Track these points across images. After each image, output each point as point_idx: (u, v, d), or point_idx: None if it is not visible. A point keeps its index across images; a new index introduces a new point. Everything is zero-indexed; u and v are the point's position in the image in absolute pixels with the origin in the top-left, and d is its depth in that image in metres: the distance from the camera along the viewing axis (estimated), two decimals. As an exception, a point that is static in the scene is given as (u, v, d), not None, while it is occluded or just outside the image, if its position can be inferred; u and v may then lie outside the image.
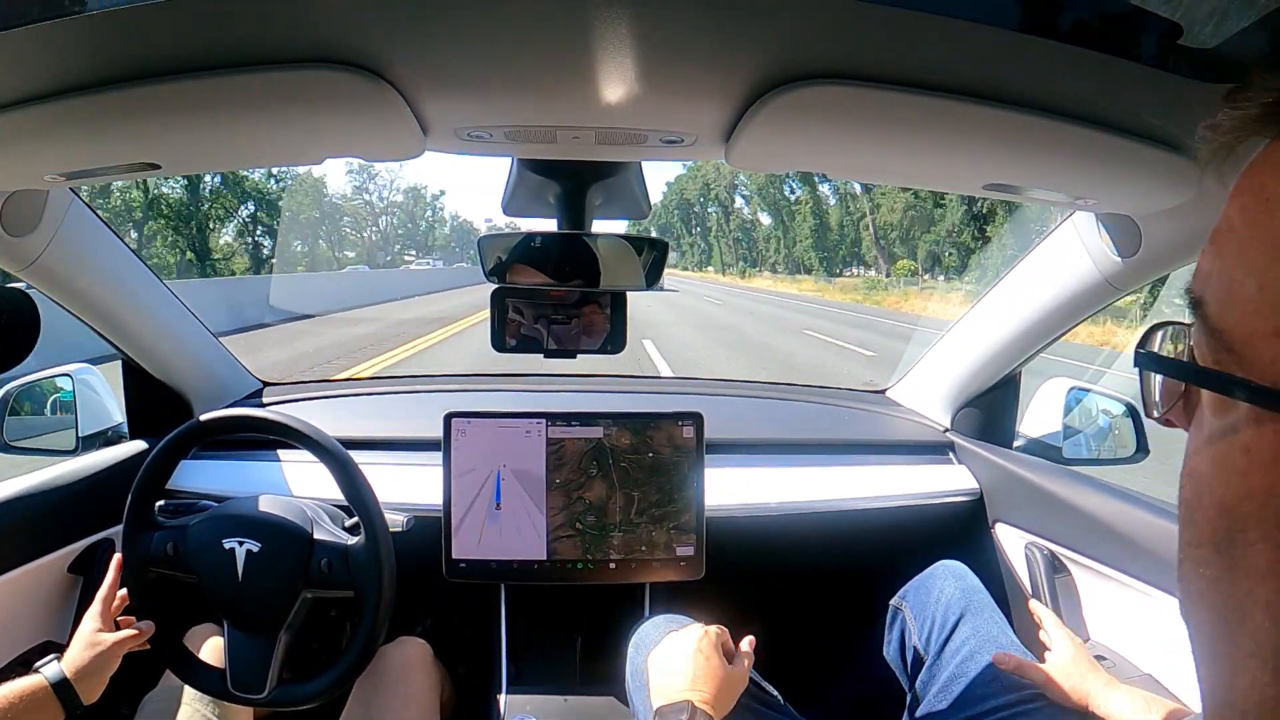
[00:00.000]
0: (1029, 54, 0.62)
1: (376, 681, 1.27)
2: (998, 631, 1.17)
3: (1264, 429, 0.31)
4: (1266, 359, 0.31)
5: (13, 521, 1.25)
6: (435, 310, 19.95)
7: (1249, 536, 0.32)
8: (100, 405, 1.55)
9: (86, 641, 1.09)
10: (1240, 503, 0.32)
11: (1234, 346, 0.32)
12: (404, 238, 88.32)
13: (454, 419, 1.38)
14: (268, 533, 1.14)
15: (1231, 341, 0.32)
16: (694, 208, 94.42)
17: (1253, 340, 0.31)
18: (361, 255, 77.61)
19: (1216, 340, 0.33)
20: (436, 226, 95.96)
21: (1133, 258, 1.14)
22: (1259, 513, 0.31)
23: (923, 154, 0.88)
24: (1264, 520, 0.31)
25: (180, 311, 1.55)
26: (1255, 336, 0.31)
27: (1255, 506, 0.31)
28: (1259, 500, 0.31)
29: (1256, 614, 0.31)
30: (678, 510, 1.40)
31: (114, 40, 0.63)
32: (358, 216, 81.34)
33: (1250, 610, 0.32)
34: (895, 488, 1.56)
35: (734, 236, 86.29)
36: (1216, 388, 0.34)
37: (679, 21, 0.61)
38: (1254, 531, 0.31)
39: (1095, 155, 0.80)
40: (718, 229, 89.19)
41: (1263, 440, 0.31)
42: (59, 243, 1.18)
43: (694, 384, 2.14)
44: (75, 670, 1.06)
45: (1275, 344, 0.30)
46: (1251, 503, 0.31)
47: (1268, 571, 0.31)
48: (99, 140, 0.83)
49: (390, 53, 0.66)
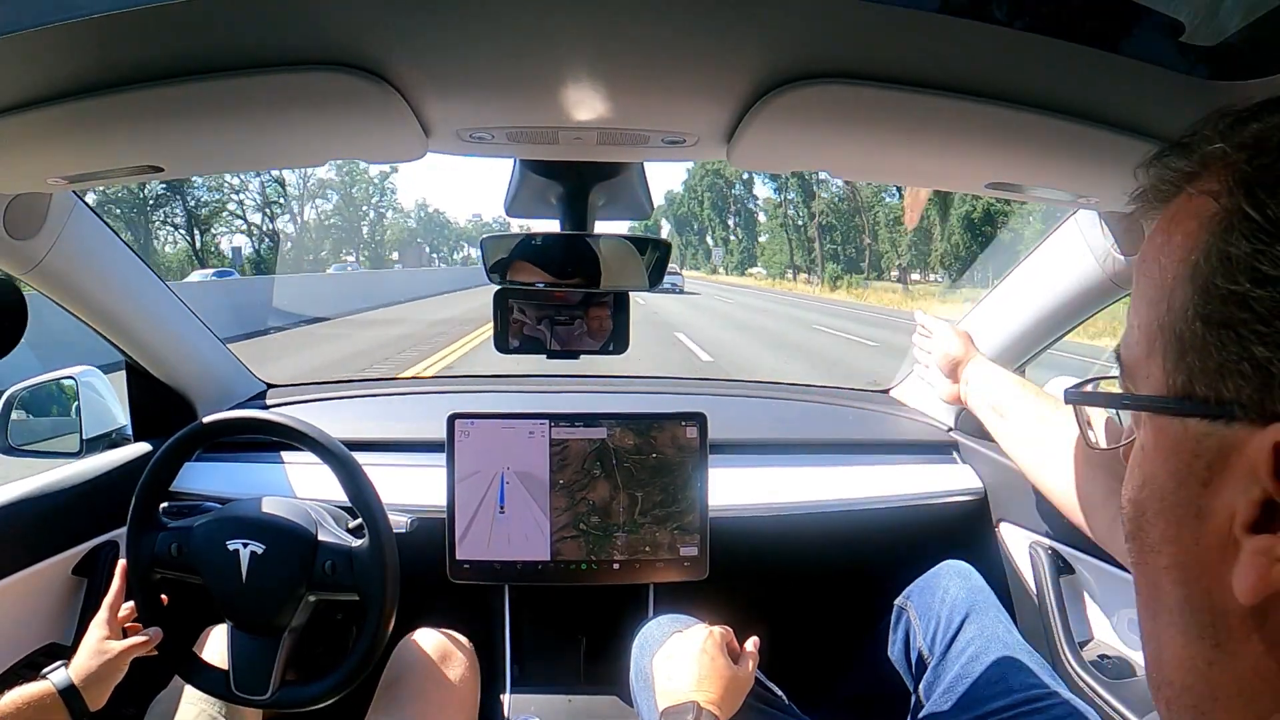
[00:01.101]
0: (1031, 52, 0.62)
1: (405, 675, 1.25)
2: (1003, 632, 1.16)
3: (1148, 427, 0.40)
4: (1141, 376, 0.40)
5: (17, 524, 1.25)
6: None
7: (1148, 516, 0.40)
8: (104, 408, 1.55)
9: (94, 649, 1.09)
10: (1140, 491, 0.40)
11: (1130, 374, 0.42)
12: (336, 233, 73.13)
13: (457, 420, 1.39)
14: (272, 534, 1.14)
15: (1128, 371, 0.42)
16: (729, 191, 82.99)
17: (1135, 365, 0.41)
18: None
19: (1123, 374, 0.43)
20: (383, 219, 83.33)
21: (1136, 256, 1.13)
22: (1151, 494, 0.39)
23: (925, 153, 0.88)
24: (1153, 498, 0.39)
25: (183, 314, 1.56)
26: (1136, 362, 0.41)
27: (1149, 490, 0.40)
28: (1150, 484, 0.39)
29: (1164, 582, 0.39)
30: (681, 510, 1.40)
31: (116, 43, 0.63)
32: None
33: (1159, 580, 0.39)
34: (899, 487, 1.56)
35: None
36: (1115, 404, 0.45)
37: (681, 22, 0.61)
38: (1150, 510, 0.39)
39: (1097, 153, 0.80)
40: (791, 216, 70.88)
41: (1148, 435, 0.40)
42: (62, 245, 1.18)
43: (697, 384, 2.14)
44: (82, 677, 1.06)
45: (1147, 364, 0.40)
46: (1146, 488, 0.40)
47: (1161, 540, 0.39)
48: (102, 143, 0.83)
49: (392, 54, 0.66)
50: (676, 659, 1.04)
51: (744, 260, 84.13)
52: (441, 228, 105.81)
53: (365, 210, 77.79)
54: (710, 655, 1.02)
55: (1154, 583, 0.40)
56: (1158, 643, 0.40)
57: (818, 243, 59.98)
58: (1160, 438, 0.39)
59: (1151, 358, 0.39)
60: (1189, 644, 0.37)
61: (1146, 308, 0.40)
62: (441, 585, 1.37)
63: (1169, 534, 0.38)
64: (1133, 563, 0.42)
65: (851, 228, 63.33)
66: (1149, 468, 0.39)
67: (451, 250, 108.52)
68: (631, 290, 1.11)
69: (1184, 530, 0.37)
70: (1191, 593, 0.37)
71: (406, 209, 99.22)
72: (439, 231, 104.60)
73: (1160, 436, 0.39)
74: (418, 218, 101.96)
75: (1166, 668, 0.39)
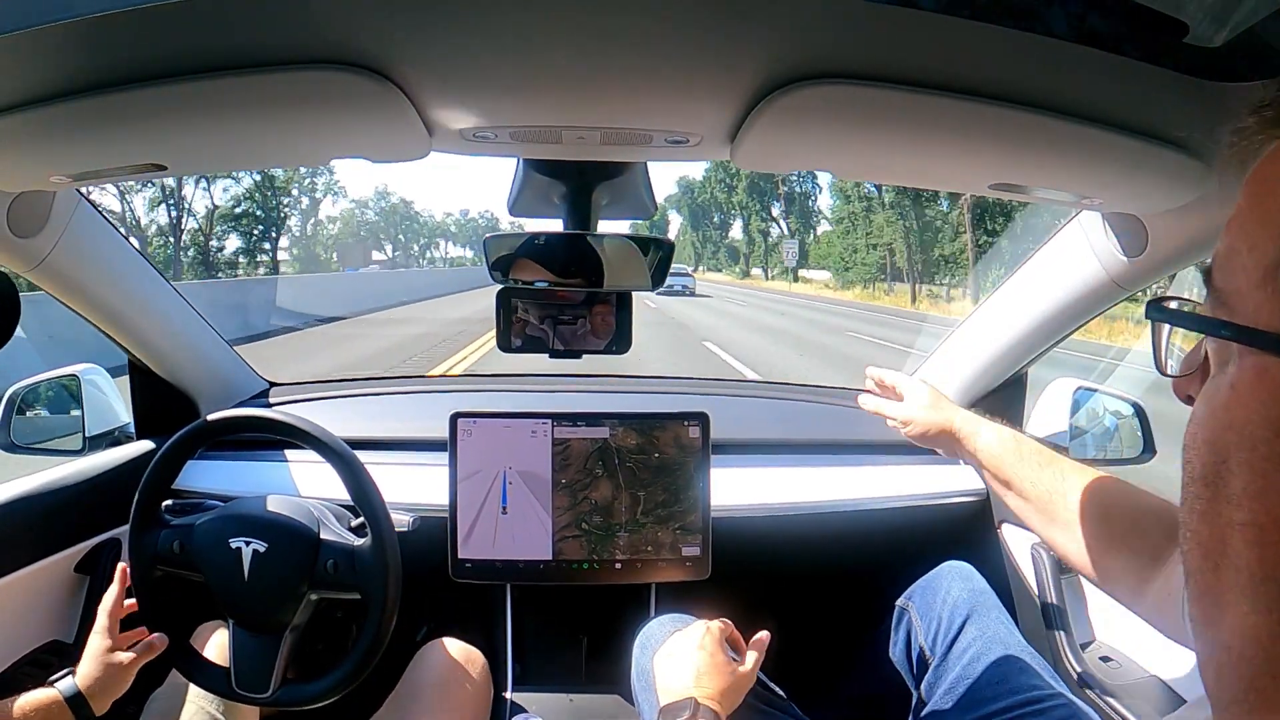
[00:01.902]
0: (1035, 53, 0.62)
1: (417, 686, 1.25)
2: (1005, 633, 1.16)
3: (1245, 363, 0.36)
4: (1250, 306, 0.36)
5: (20, 521, 1.25)
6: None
7: (1229, 465, 0.35)
8: (107, 405, 1.55)
9: (99, 658, 1.09)
10: (1224, 433, 0.36)
11: (1227, 300, 0.38)
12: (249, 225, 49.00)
13: (460, 419, 1.39)
14: (274, 533, 1.14)
15: (1225, 297, 0.38)
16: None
17: (1240, 292, 0.37)
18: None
19: (1215, 298, 0.39)
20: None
21: (1139, 257, 1.13)
22: (1239, 440, 0.35)
23: (928, 154, 0.88)
24: (1242, 446, 0.35)
25: (187, 312, 1.56)
26: (1242, 289, 0.37)
27: (1235, 435, 0.35)
28: (1239, 428, 0.35)
29: (1235, 539, 0.35)
30: (684, 510, 1.40)
31: (120, 42, 0.63)
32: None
33: (1230, 537, 0.35)
34: (901, 488, 1.55)
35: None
36: (1208, 329, 0.39)
37: (684, 22, 0.61)
38: (1234, 459, 0.35)
39: (1101, 155, 0.80)
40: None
41: (1244, 373, 0.36)
42: (65, 243, 1.18)
43: (699, 384, 2.14)
44: (89, 686, 1.07)
45: (1257, 295, 0.36)
46: (1233, 432, 0.36)
47: (1242, 494, 0.35)
48: (105, 141, 0.83)
49: (395, 54, 0.66)
50: (676, 656, 1.03)
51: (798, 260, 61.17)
52: (408, 221, 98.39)
53: (293, 197, 54.99)
54: (709, 651, 1.02)
55: (1221, 536, 0.36)
56: (1217, 602, 0.36)
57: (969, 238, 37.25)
58: (1262, 379, 0.35)
59: (1264, 287, 0.35)
60: (1255, 612, 0.34)
61: (1261, 229, 0.36)
62: (443, 584, 1.37)
63: (1254, 488, 0.34)
64: (1195, 509, 0.38)
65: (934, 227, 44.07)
66: (1240, 411, 0.35)
67: (424, 249, 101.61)
68: (634, 290, 1.11)
69: (1275, 488, 0.34)
70: (1268, 557, 0.34)
71: (361, 197, 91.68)
72: (404, 225, 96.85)
73: (1262, 378, 0.35)
74: (378, 208, 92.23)
75: (1225, 631, 0.36)
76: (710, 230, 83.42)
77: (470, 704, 1.26)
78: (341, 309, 18.93)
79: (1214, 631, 0.36)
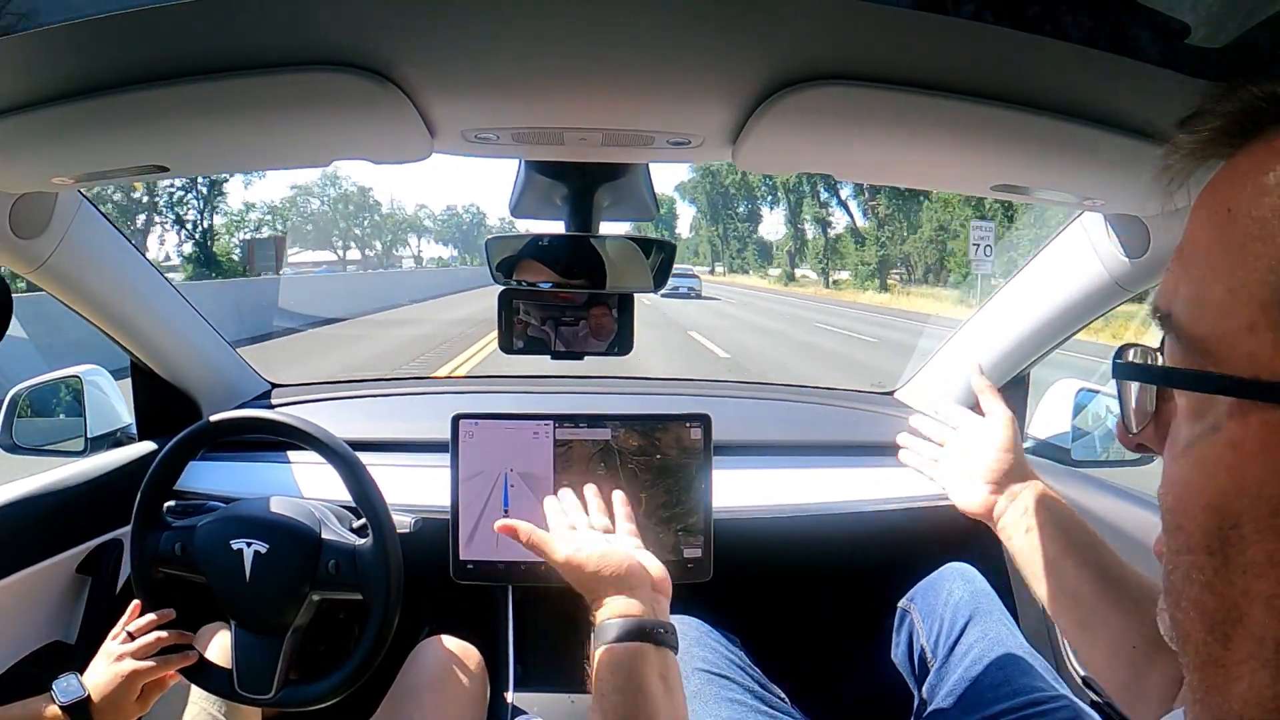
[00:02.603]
0: (1036, 54, 0.62)
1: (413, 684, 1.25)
2: (1007, 634, 1.16)
3: (1249, 420, 0.32)
4: (1242, 353, 0.32)
5: (22, 522, 1.25)
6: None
7: (1243, 532, 0.32)
8: (109, 406, 1.55)
9: (110, 668, 1.08)
10: (1231, 500, 0.32)
11: (1209, 349, 0.34)
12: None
13: (461, 420, 1.39)
14: (276, 534, 1.14)
15: (1205, 345, 0.34)
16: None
17: (1226, 339, 0.33)
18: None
19: (1190, 347, 0.35)
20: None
21: (1141, 258, 1.13)
22: (1252, 506, 0.31)
23: (930, 155, 0.88)
24: (1258, 513, 0.31)
25: (188, 313, 1.56)
26: (1229, 335, 0.33)
27: (1248, 501, 0.32)
28: (1251, 494, 0.31)
29: (1256, 611, 0.31)
30: (685, 512, 1.40)
31: (122, 43, 0.63)
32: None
33: (1248, 608, 0.32)
34: (903, 489, 1.55)
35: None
36: (1199, 387, 0.35)
37: (686, 23, 0.61)
38: (1248, 526, 0.32)
39: (1103, 156, 0.80)
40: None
41: (1248, 432, 0.32)
42: (68, 245, 1.18)
43: (701, 385, 2.14)
44: (98, 691, 1.06)
45: (1250, 339, 0.32)
46: (1244, 498, 0.32)
47: (1266, 563, 0.31)
48: (107, 143, 0.83)
49: (397, 55, 0.67)
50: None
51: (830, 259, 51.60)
52: (365, 212, 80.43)
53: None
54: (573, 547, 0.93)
55: (1234, 607, 0.32)
56: (1225, 672, 0.33)
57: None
58: (1276, 436, 0.31)
59: (1258, 332, 0.31)
60: (1274, 682, 0.31)
61: (1242, 267, 0.32)
62: (445, 585, 1.37)
63: (1278, 557, 0.31)
64: (1194, 579, 0.35)
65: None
66: (1250, 471, 0.32)
67: (390, 246, 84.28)
68: (636, 291, 1.11)
69: None
70: None
71: (304, 183, 73.43)
72: (359, 217, 79.06)
73: (1276, 435, 0.31)
74: (325, 196, 74.00)
75: (1235, 701, 0.33)
76: (735, 223, 69.25)
77: (467, 700, 1.26)
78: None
79: (1219, 700, 0.34)
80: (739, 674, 1.17)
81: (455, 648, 1.30)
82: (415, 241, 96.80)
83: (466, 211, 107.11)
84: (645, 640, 0.81)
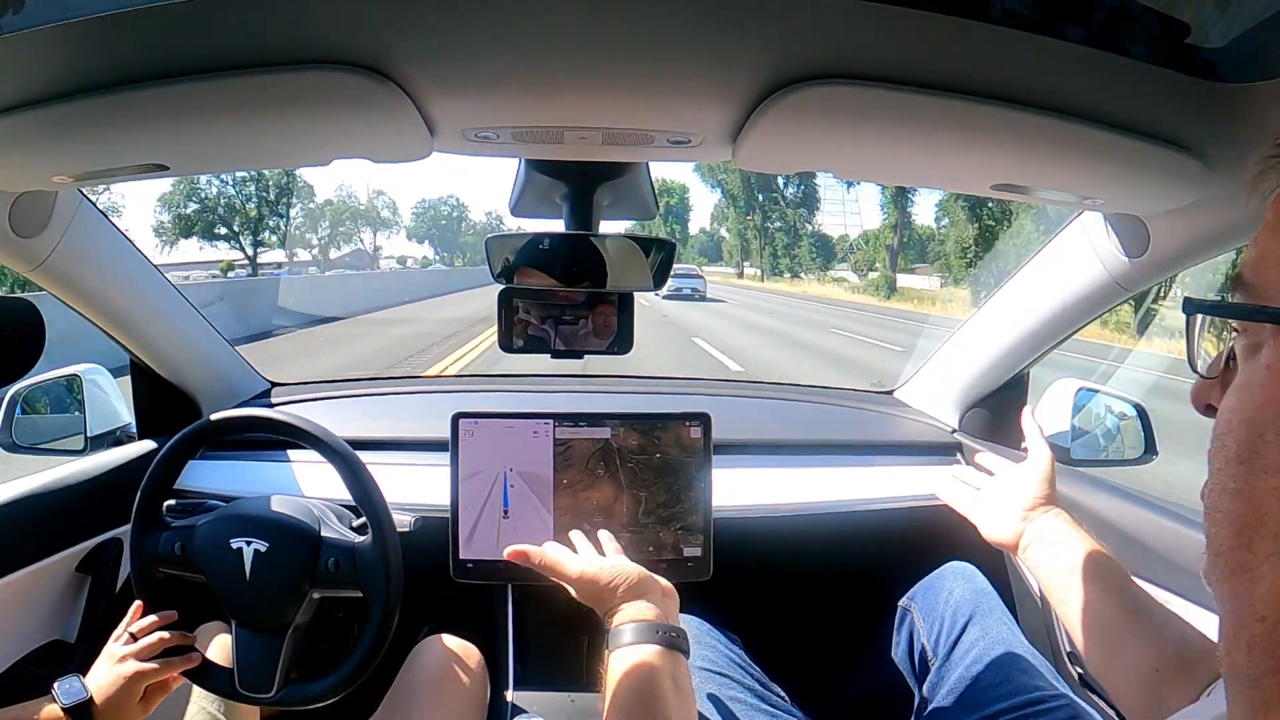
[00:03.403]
0: (1037, 54, 0.62)
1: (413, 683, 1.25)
2: (1008, 633, 1.16)
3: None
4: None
5: (22, 520, 1.25)
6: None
7: (1266, 438, 0.37)
8: (109, 405, 1.55)
9: (113, 669, 1.08)
10: (1260, 410, 0.38)
11: (1262, 293, 0.40)
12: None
13: (461, 419, 1.39)
14: (275, 532, 1.14)
15: (1259, 290, 0.40)
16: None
17: (1275, 284, 0.39)
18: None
19: (1246, 293, 0.41)
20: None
21: (1141, 258, 1.13)
22: (1276, 414, 0.37)
23: (930, 154, 0.88)
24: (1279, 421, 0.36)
25: (188, 312, 1.56)
26: (1277, 282, 0.39)
27: (1273, 410, 0.37)
28: (1276, 404, 0.37)
29: (1273, 506, 0.36)
30: (685, 511, 1.40)
31: (121, 42, 0.63)
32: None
33: (1269, 507, 0.36)
34: (903, 488, 1.55)
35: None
36: (1245, 315, 0.41)
37: (686, 22, 0.61)
38: (1270, 431, 0.37)
39: (1103, 155, 0.80)
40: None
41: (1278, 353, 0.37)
42: (67, 243, 1.18)
43: (701, 384, 2.14)
44: (100, 693, 1.06)
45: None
46: (1270, 408, 0.37)
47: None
48: (107, 141, 0.83)
49: (397, 54, 0.67)
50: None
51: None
52: (292, 196, 55.07)
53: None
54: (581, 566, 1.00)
55: (1257, 507, 0.37)
56: (1250, 575, 0.37)
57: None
58: None
59: None
60: None
61: None
62: (445, 584, 1.38)
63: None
64: (1228, 488, 0.39)
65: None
66: (1277, 387, 0.37)
67: (330, 242, 68.07)
68: (636, 290, 1.11)
69: None
70: None
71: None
72: (279, 203, 50.41)
73: None
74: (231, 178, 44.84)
75: (1260, 603, 0.36)
76: (781, 209, 53.45)
77: (466, 698, 1.26)
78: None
79: (1245, 605, 0.37)
80: (739, 672, 1.17)
81: (455, 646, 1.30)
82: (370, 235, 78.69)
83: (445, 204, 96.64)
84: (658, 643, 0.84)
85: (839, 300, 37.64)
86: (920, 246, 44.16)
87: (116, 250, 1.32)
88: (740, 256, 61.75)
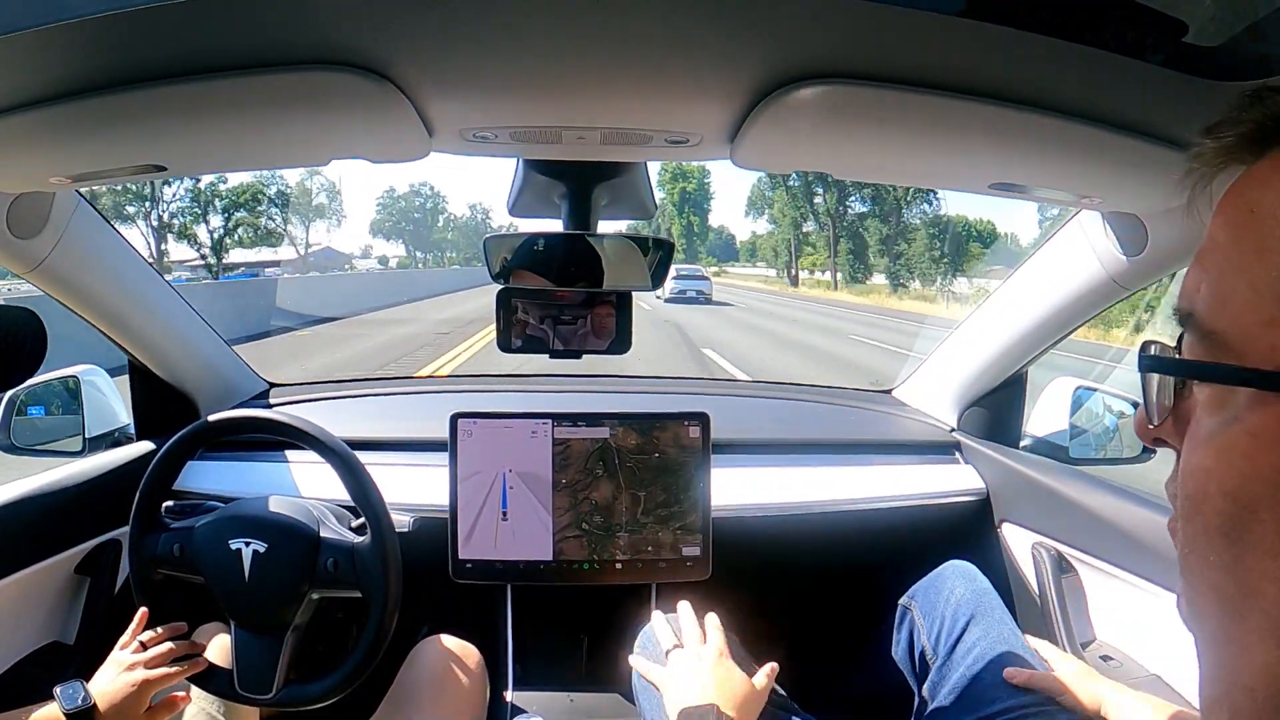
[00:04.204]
0: (1034, 53, 0.62)
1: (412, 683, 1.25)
2: (1008, 633, 1.16)
3: (1268, 410, 0.33)
4: (1264, 347, 0.34)
5: (20, 522, 1.25)
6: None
7: (1260, 516, 0.33)
8: (107, 406, 1.55)
9: (118, 676, 1.07)
10: (1248, 484, 0.34)
11: (1229, 344, 0.35)
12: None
13: (460, 420, 1.39)
14: (274, 533, 1.14)
15: (1226, 340, 0.35)
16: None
17: (1248, 333, 0.34)
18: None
19: (1210, 343, 0.36)
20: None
21: (1139, 256, 1.13)
22: (1269, 491, 0.33)
23: (928, 153, 0.88)
24: (1275, 497, 0.33)
25: (186, 313, 1.56)
26: (1250, 329, 0.34)
27: (1265, 486, 0.33)
28: (1268, 479, 0.33)
29: (1269, 589, 0.33)
30: (684, 510, 1.40)
31: (119, 43, 0.63)
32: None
33: (1262, 587, 0.33)
34: (901, 487, 1.55)
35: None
36: (1223, 379, 0.36)
37: (683, 22, 0.61)
38: (1265, 510, 0.33)
39: (1101, 154, 0.80)
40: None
41: (1267, 420, 0.33)
42: (65, 244, 1.18)
43: (699, 384, 2.14)
44: (104, 699, 1.06)
45: (1271, 332, 0.33)
46: (1260, 483, 0.33)
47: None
48: (105, 142, 0.83)
49: (395, 54, 0.66)
50: (690, 668, 1.05)
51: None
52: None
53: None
54: (726, 668, 1.04)
55: (1251, 589, 0.34)
56: (1238, 647, 0.35)
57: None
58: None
59: (1277, 326, 0.33)
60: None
61: (1262, 264, 0.34)
62: (444, 584, 1.37)
63: None
64: (1211, 563, 0.36)
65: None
66: (1267, 458, 0.33)
67: (262, 237, 46.13)
68: (634, 290, 1.11)
69: None
70: None
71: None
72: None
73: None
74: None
75: (1246, 674, 0.35)
76: (829, 191, 39.31)
77: (466, 699, 1.26)
78: None
79: (1231, 675, 0.36)
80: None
81: (454, 647, 1.30)
82: (304, 232, 65.20)
83: (418, 194, 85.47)
84: None
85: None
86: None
87: (114, 251, 1.32)
88: (792, 255, 47.93)
